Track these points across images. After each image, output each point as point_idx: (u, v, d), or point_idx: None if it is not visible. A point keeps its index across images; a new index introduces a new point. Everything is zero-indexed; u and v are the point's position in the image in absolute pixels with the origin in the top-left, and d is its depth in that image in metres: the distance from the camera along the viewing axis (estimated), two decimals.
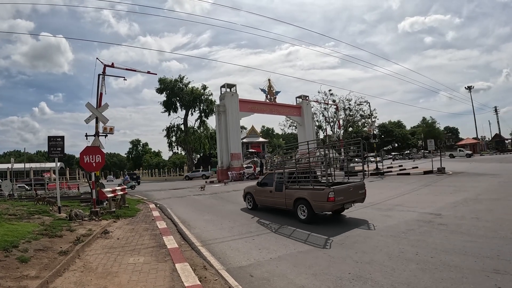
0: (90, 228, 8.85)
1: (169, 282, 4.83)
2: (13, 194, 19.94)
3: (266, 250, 6.60)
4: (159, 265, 5.74)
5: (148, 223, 10.08)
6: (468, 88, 70.80)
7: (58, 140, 12.03)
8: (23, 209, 11.55)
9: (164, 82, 53.86)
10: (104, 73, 18.34)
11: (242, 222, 9.73)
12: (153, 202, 16.22)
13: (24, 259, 5.60)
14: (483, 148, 64.41)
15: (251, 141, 58.07)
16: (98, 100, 16.32)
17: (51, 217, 10.46)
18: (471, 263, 4.99)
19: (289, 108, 43.86)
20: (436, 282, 4.40)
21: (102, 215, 11.09)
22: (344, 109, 64.68)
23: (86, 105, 13.34)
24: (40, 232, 7.67)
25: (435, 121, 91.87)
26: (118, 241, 7.74)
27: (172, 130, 57.38)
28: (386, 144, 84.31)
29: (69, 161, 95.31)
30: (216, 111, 36.86)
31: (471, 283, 4.27)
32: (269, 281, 4.89)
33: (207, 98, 55.41)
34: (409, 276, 4.70)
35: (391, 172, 24.98)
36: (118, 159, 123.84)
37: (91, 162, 11.27)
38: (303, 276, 5.00)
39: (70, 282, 4.92)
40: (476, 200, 10.55)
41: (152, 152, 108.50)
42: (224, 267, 5.67)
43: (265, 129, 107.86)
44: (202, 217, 11.17)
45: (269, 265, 5.66)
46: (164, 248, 6.92)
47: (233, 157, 35.11)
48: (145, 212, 12.57)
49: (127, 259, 6.14)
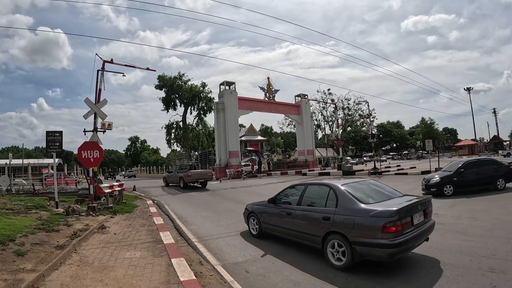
0: (87, 223, 8.85)
1: (165, 277, 4.84)
2: (10, 189, 19.92)
3: (263, 246, 6.62)
4: (155, 260, 5.75)
5: (145, 219, 10.09)
6: (467, 89, 70.96)
7: (56, 135, 12.04)
8: (21, 204, 11.53)
9: (163, 79, 53.72)
10: (103, 68, 18.33)
11: (239, 219, 9.69)
12: (151, 198, 16.23)
13: (20, 252, 5.60)
14: (481, 149, 64.47)
15: (250, 139, 58.09)
16: (97, 96, 16.31)
17: (48, 212, 10.44)
18: (466, 261, 5.01)
19: (288, 106, 43.85)
20: (432, 280, 4.41)
21: (99, 211, 11.09)
22: (343, 109, 65.02)
23: (85, 100, 13.34)
24: (37, 227, 7.67)
25: (433, 121, 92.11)
26: (115, 236, 7.74)
27: (171, 128, 57.31)
28: (384, 144, 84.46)
29: (67, 158, 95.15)
30: (215, 108, 36.80)
31: (466, 282, 4.29)
32: (264, 277, 4.91)
33: (206, 95, 55.29)
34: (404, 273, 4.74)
35: (389, 171, 25.04)
36: (117, 155, 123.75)
37: (89, 157, 11.25)
38: (298, 273, 5.02)
39: (66, 275, 4.92)
40: (473, 200, 10.61)
41: (150, 149, 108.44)
42: (220, 263, 5.70)
43: (263, 128, 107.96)
44: (199, 213, 11.19)
45: (265, 261, 5.69)
46: (161, 243, 6.93)
47: (231, 155, 35.10)
48: (143, 208, 12.57)
49: (123, 254, 6.15)
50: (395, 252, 4.47)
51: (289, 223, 6.16)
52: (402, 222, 4.55)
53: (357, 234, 4.71)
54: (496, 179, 12.52)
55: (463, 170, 12.68)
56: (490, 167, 12.87)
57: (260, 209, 7.34)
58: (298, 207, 6.05)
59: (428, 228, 5.17)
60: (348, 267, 4.84)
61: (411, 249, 4.85)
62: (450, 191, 12.27)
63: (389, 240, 4.42)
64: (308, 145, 44.15)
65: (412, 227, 4.78)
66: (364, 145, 73.91)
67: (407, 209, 4.73)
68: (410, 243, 4.62)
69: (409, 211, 4.78)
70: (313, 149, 45.23)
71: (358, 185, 5.78)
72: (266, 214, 7.07)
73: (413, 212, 4.87)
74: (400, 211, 4.55)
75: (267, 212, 7.05)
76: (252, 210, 7.62)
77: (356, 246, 4.70)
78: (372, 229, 4.59)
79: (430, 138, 26.89)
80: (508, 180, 12.70)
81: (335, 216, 5.09)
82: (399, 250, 4.47)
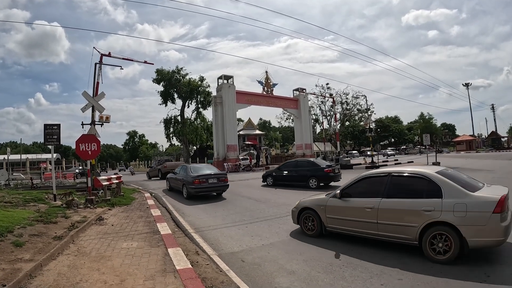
0: (85, 215, 8.89)
1: (161, 266, 4.91)
2: (9, 183, 19.94)
3: (259, 237, 6.70)
4: (152, 249, 5.81)
5: (142, 211, 10.14)
6: (466, 85, 71.07)
7: (54, 128, 12.01)
8: (19, 197, 11.54)
9: (161, 73, 53.41)
10: (101, 62, 18.30)
11: (236, 211, 9.83)
12: (148, 191, 16.26)
13: (18, 243, 5.65)
14: (479, 145, 64.69)
15: (248, 134, 58.15)
16: (95, 89, 16.30)
17: (46, 204, 10.48)
18: None
19: (286, 100, 43.83)
20: (426, 269, 4.49)
21: (97, 203, 11.12)
22: (341, 103, 64.97)
23: (83, 93, 13.29)
24: (35, 219, 7.70)
25: (432, 117, 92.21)
26: (112, 228, 7.79)
27: (169, 122, 57.14)
28: (382, 139, 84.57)
29: (65, 152, 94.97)
30: (213, 102, 36.76)
31: (461, 270, 4.37)
32: (260, 266, 4.98)
33: (204, 89, 55.03)
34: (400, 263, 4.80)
35: (387, 165, 25.16)
36: (115, 150, 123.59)
37: (86, 150, 11.25)
38: (294, 262, 5.09)
39: (63, 265, 4.98)
40: None
41: (148, 144, 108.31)
42: (216, 253, 5.76)
43: (262, 122, 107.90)
44: (196, 205, 11.24)
45: (261, 251, 5.76)
46: (158, 234, 6.99)
47: (229, 148, 35.14)
48: (140, 201, 12.62)
49: (120, 244, 6.21)
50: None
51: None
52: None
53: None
54: (309, 179, 14.82)
55: (280, 168, 16.89)
56: (305, 168, 15.40)
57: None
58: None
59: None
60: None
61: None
62: (270, 182, 16.58)
63: None
64: (306, 139, 44.25)
65: None
66: (362, 139, 73.98)
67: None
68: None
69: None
70: (311, 143, 45.38)
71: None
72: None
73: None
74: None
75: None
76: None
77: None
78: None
79: (428, 133, 26.91)
80: (321, 180, 14.64)
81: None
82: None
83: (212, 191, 13.18)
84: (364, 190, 5.98)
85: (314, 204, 6.66)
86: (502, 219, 4.46)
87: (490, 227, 4.45)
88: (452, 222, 4.65)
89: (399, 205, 5.25)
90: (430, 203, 4.91)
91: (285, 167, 16.56)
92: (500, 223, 4.42)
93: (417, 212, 4.98)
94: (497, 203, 4.48)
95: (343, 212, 6.06)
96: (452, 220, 4.65)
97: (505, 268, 4.46)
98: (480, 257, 4.82)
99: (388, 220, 5.32)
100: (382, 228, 5.39)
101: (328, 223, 6.33)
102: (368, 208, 5.58)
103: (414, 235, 4.98)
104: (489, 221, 4.45)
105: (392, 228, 5.27)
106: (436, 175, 5.19)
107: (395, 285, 4.09)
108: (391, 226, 5.28)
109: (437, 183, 5.05)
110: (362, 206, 5.72)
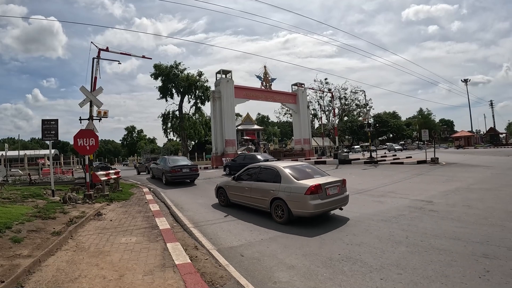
0: (84, 211, 8.87)
1: (160, 260, 4.89)
2: (7, 179, 19.85)
3: (258, 231, 6.69)
4: (150, 244, 5.79)
5: (141, 206, 10.12)
6: (465, 81, 70.84)
7: (52, 123, 11.94)
8: (17, 193, 11.51)
9: (159, 68, 53.16)
10: (98, 57, 18.17)
11: (235, 206, 9.77)
12: (147, 186, 16.23)
13: (17, 239, 5.63)
14: (477, 141, 64.66)
15: (246, 128, 57.91)
16: (93, 84, 16.19)
17: (44, 200, 10.46)
18: (460, 247, 5.08)
19: (285, 95, 43.69)
20: (425, 264, 4.48)
21: (95, 198, 11.10)
22: (339, 98, 64.76)
23: (81, 88, 13.22)
24: (34, 214, 7.69)
25: (431, 113, 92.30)
26: (111, 223, 7.77)
27: (168, 117, 56.96)
28: (381, 134, 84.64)
29: (63, 148, 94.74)
30: (211, 97, 36.59)
31: (460, 266, 4.36)
32: (259, 261, 4.97)
33: (202, 84, 54.87)
34: (399, 258, 4.79)
35: (385, 160, 25.14)
36: (113, 145, 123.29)
37: (85, 145, 11.20)
38: (293, 257, 5.08)
39: (62, 260, 4.96)
40: (468, 189, 10.65)
41: (147, 139, 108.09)
42: (215, 247, 5.75)
43: (260, 117, 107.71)
44: (195, 200, 11.24)
45: (260, 245, 5.75)
46: (156, 229, 6.98)
47: (228, 143, 35.07)
48: (139, 196, 12.58)
49: (119, 239, 6.19)
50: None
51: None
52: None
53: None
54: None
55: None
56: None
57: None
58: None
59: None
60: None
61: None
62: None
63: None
64: (304, 134, 44.21)
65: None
66: (361, 134, 74.03)
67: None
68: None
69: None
70: (309, 138, 45.32)
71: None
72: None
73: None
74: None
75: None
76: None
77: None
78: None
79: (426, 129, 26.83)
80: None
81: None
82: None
83: (186, 178, 16.68)
84: (247, 176, 8.95)
85: (224, 184, 9.90)
86: (312, 199, 6.73)
87: (303, 203, 6.83)
88: (283, 198, 7.21)
89: (261, 186, 8.10)
90: (275, 186, 7.57)
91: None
92: (309, 201, 6.72)
93: (268, 191, 7.72)
94: (307, 188, 6.80)
95: (237, 190, 9.07)
96: (283, 197, 7.22)
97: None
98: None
99: (256, 195, 8.19)
100: (253, 200, 8.31)
101: (230, 198, 9.42)
102: (247, 188, 8.58)
103: (267, 205, 7.68)
104: (302, 199, 6.82)
105: (257, 200, 8.13)
106: (281, 168, 7.84)
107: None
108: (257, 199, 8.15)
109: (280, 173, 7.68)
110: (244, 186, 8.71)
